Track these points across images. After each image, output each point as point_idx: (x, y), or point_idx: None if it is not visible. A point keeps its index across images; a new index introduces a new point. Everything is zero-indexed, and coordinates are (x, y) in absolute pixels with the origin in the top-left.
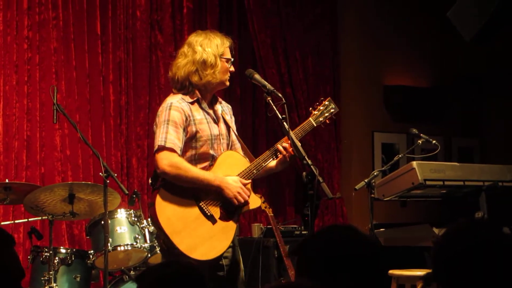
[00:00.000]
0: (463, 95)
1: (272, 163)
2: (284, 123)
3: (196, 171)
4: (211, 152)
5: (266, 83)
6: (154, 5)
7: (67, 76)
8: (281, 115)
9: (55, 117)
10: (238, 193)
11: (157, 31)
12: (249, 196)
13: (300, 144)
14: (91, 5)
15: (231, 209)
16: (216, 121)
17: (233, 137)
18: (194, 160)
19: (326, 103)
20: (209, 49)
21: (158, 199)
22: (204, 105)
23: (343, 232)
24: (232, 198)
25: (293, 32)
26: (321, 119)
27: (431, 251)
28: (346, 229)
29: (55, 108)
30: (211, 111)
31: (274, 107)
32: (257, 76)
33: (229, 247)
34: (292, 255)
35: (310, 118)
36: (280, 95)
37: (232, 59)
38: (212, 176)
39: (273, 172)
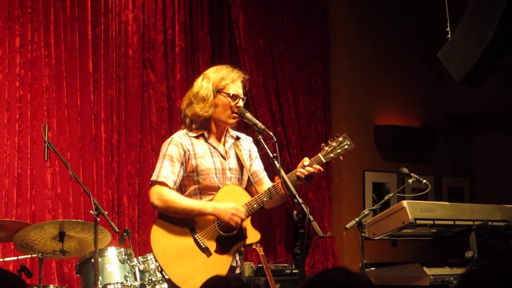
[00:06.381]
0: (453, 134)
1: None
2: (275, 161)
3: (185, 202)
4: (218, 185)
5: (257, 121)
6: (146, 44)
7: (59, 114)
8: (272, 154)
9: (46, 155)
10: (232, 214)
11: (149, 70)
12: (243, 219)
13: (291, 183)
14: (83, 43)
15: (228, 242)
16: (224, 156)
17: (254, 168)
18: (198, 194)
19: (340, 139)
20: (209, 82)
21: (154, 229)
22: (211, 139)
23: (336, 277)
24: (228, 220)
25: (284, 71)
26: (332, 155)
27: None
28: (338, 273)
29: (46, 146)
30: (219, 146)
31: (265, 145)
32: (248, 114)
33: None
34: None
35: (319, 154)
36: (271, 133)
37: (237, 94)
38: (204, 204)
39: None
